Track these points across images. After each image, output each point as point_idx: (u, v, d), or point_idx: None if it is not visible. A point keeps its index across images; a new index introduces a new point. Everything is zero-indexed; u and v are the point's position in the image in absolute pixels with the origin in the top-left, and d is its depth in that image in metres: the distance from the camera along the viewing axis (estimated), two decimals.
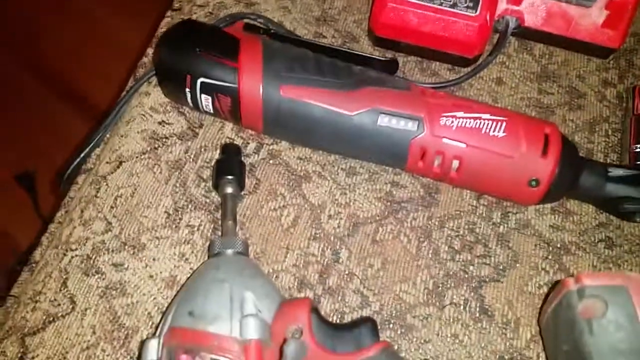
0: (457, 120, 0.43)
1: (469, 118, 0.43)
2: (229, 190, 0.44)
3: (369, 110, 0.43)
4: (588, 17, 0.50)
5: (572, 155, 0.44)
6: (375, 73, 0.45)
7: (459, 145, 0.43)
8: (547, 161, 0.42)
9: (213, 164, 0.47)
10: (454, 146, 0.43)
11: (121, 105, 0.51)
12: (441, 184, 0.47)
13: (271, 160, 0.48)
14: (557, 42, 0.53)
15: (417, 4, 0.48)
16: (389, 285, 0.44)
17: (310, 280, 0.44)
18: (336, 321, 0.42)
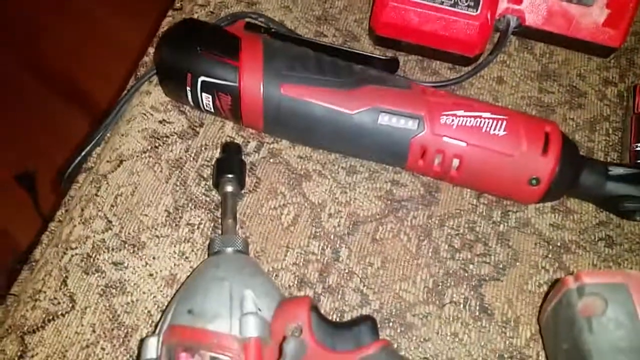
0: (458, 118, 0.43)
1: (470, 117, 0.43)
2: (229, 188, 0.44)
3: (369, 109, 0.43)
4: (589, 16, 0.50)
5: (573, 153, 0.44)
6: (376, 72, 0.45)
7: (460, 144, 0.43)
8: (547, 160, 0.42)
9: (213, 162, 0.47)
10: (454, 145, 0.43)
11: (122, 104, 0.51)
12: (441, 183, 0.47)
13: (271, 159, 0.48)
14: (557, 41, 0.53)
15: (418, 3, 0.48)
16: (388, 284, 0.44)
17: (310, 278, 0.44)
18: (336, 320, 0.42)
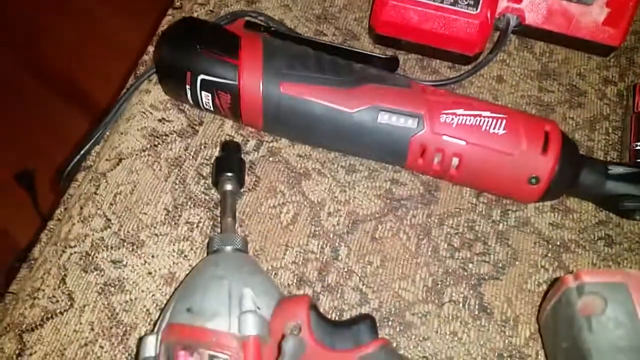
0: (457, 117, 0.43)
1: (469, 115, 0.43)
2: (229, 187, 0.44)
3: (369, 107, 0.43)
4: (589, 15, 0.50)
5: (572, 153, 0.44)
6: (376, 70, 0.45)
7: (459, 143, 0.43)
8: (547, 159, 0.42)
9: (213, 161, 0.47)
10: (454, 143, 0.43)
11: (121, 102, 0.51)
12: (441, 182, 0.47)
13: (271, 158, 0.48)
14: (557, 40, 0.53)
15: (417, 1, 0.48)
16: (388, 283, 0.44)
17: (309, 277, 0.44)
18: (335, 318, 0.42)
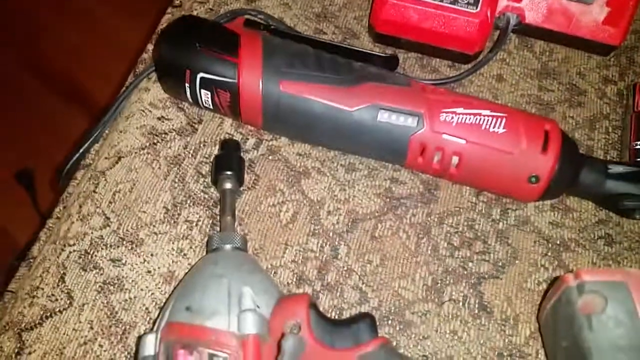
0: (457, 116, 0.43)
1: (469, 114, 0.43)
2: (228, 185, 0.44)
3: (368, 106, 0.43)
4: (589, 14, 0.50)
5: (572, 152, 0.44)
6: (376, 69, 0.45)
7: (459, 141, 0.42)
8: (547, 158, 0.42)
9: (212, 159, 0.47)
10: (453, 142, 0.43)
11: (120, 101, 0.50)
12: (441, 181, 0.47)
13: (270, 156, 0.48)
14: (557, 39, 0.53)
15: (417, 0, 0.48)
16: (387, 282, 0.44)
17: (308, 276, 0.44)
18: (335, 317, 0.42)
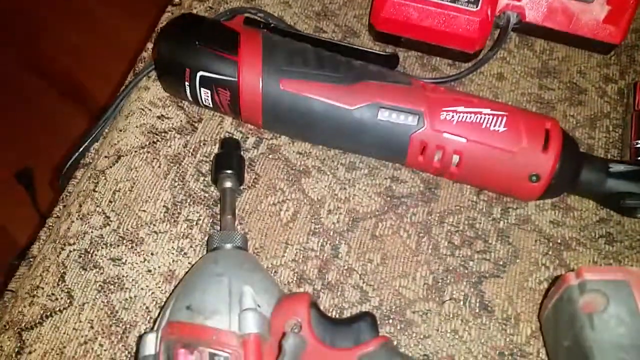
0: (458, 114, 0.43)
1: (470, 113, 0.43)
2: (228, 184, 0.44)
3: (369, 104, 0.43)
4: (589, 13, 0.50)
5: (573, 150, 0.44)
6: (376, 67, 0.45)
7: (460, 140, 0.42)
8: (547, 156, 0.42)
9: (212, 158, 0.47)
10: (454, 141, 0.43)
11: (120, 99, 0.50)
12: (441, 179, 0.47)
13: (270, 155, 0.48)
14: (558, 38, 0.53)
15: None
16: (388, 281, 0.43)
17: (309, 275, 0.43)
18: (335, 316, 0.42)
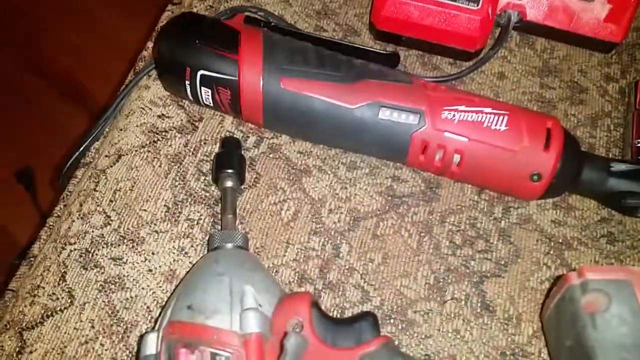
0: (459, 113, 0.42)
1: (471, 112, 0.43)
2: (229, 184, 0.44)
3: (370, 103, 0.43)
4: (590, 12, 0.50)
5: (575, 149, 0.44)
6: (377, 66, 0.45)
7: (461, 139, 0.42)
8: (549, 155, 0.42)
9: (213, 157, 0.46)
10: (455, 140, 0.42)
11: (120, 98, 0.50)
12: (442, 179, 0.47)
13: (271, 154, 0.48)
14: (559, 37, 0.53)
15: None
16: (389, 280, 0.43)
17: (310, 274, 0.43)
18: (337, 316, 0.42)
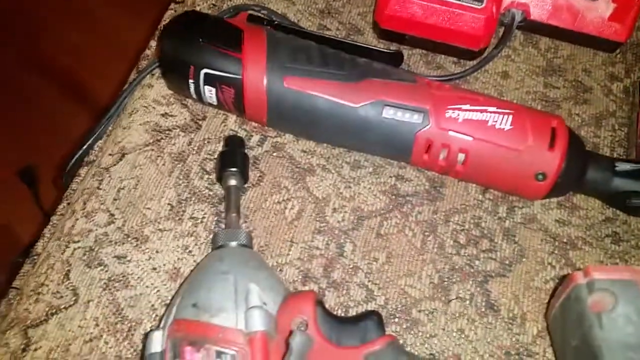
0: (463, 112, 0.42)
1: (475, 111, 0.43)
2: (233, 182, 0.44)
3: (373, 102, 0.43)
4: (594, 11, 0.50)
5: (579, 149, 0.44)
6: (380, 65, 0.45)
7: (465, 138, 0.42)
8: (553, 155, 0.42)
9: (216, 156, 0.46)
10: (459, 139, 0.42)
11: (124, 97, 0.50)
12: (446, 178, 0.47)
13: (275, 153, 0.48)
14: (563, 36, 0.53)
15: None
16: (394, 279, 0.43)
17: (314, 273, 0.43)
18: (341, 315, 0.42)
